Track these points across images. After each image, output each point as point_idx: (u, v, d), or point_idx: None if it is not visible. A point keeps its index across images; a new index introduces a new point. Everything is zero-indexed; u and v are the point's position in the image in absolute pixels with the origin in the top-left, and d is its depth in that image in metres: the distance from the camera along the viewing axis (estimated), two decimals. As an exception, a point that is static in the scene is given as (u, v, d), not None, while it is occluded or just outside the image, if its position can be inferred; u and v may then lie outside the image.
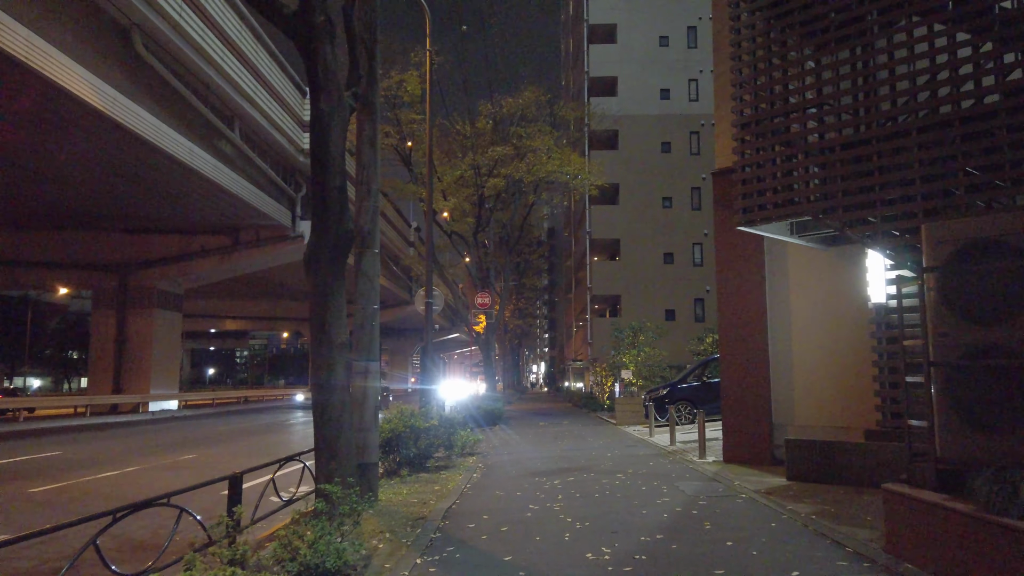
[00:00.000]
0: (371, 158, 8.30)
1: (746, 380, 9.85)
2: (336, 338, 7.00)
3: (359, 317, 8.06)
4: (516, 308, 51.77)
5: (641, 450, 12.21)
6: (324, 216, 6.98)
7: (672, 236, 33.74)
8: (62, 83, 14.70)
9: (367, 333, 8.06)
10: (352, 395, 8.14)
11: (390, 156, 25.27)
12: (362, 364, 8.02)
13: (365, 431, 7.95)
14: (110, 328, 28.32)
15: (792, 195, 7.58)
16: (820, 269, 9.30)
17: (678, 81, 34.67)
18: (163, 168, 21.25)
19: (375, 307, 8.14)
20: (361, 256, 8.15)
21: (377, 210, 8.31)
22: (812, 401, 9.26)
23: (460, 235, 27.28)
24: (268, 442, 16.57)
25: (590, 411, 26.93)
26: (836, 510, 6.22)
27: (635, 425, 18.46)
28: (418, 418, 10.66)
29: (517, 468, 10.28)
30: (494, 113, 23.45)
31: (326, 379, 6.93)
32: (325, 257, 6.98)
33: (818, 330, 9.28)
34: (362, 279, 8.12)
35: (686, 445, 12.48)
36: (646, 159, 34.20)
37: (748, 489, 7.49)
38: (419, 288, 13.64)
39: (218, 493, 6.67)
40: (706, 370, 17.64)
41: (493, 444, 14.24)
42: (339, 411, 6.95)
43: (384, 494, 8.27)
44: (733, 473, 8.80)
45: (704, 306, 33.51)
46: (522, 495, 7.80)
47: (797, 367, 9.46)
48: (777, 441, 9.56)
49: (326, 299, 7.00)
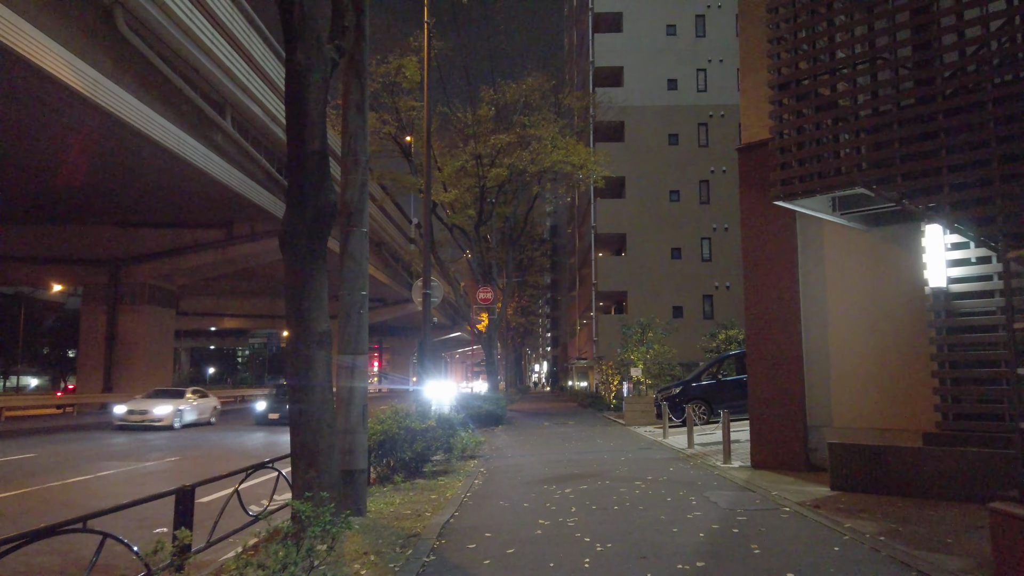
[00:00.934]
0: (358, 125, 7.35)
1: (777, 377, 8.88)
2: (315, 328, 6.06)
3: (345, 305, 7.11)
4: (519, 306, 50.81)
5: (657, 453, 11.24)
6: (301, 186, 6.04)
7: (680, 231, 32.75)
8: (37, 61, 13.76)
9: (354, 323, 7.11)
10: (337, 394, 7.22)
11: (390, 147, 24.32)
12: (348, 358, 7.08)
13: (351, 434, 7.01)
14: (100, 325, 27.43)
15: (839, 163, 6.62)
16: (862, 252, 8.33)
17: (686, 71, 33.69)
18: (151, 157, 20.35)
19: (363, 294, 7.19)
20: (348, 236, 7.21)
21: (366, 185, 7.36)
22: (853, 400, 8.29)
23: (461, 228, 26.32)
24: (262, 443, 15.65)
25: (596, 411, 25.97)
26: (906, 530, 5.25)
27: (646, 426, 17.50)
28: (414, 418, 9.73)
29: (523, 474, 9.32)
30: (496, 99, 22.47)
31: (304, 375, 6.00)
32: (303, 234, 6.04)
33: (859, 321, 8.31)
34: (348, 262, 7.17)
35: (705, 448, 11.52)
36: (653, 151, 33.22)
37: (790, 501, 6.52)
38: (418, 281, 12.68)
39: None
40: (721, 368, 16.68)
41: (496, 446, 13.30)
42: (319, 411, 6.01)
43: (374, 504, 7.33)
44: (766, 480, 7.84)
45: (713, 303, 32.52)
46: (530, 507, 6.84)
47: (835, 362, 8.50)
48: (812, 444, 8.59)
49: (304, 283, 6.06)
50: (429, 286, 11.92)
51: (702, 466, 9.35)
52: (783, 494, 6.92)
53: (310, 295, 6.04)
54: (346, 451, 6.95)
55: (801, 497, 6.74)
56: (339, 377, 7.11)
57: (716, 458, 10.07)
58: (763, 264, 9.13)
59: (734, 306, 31.78)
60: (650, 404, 18.24)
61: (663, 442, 12.96)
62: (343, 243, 7.20)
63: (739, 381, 16.20)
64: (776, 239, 9.03)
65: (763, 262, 9.12)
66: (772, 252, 9.05)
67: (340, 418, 7.07)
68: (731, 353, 17.27)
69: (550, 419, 21.98)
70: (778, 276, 8.99)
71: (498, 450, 12.58)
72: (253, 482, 8.03)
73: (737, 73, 33.52)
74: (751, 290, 9.27)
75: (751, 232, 9.30)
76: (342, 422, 7.05)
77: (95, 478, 10.12)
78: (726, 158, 33.05)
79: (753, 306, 9.21)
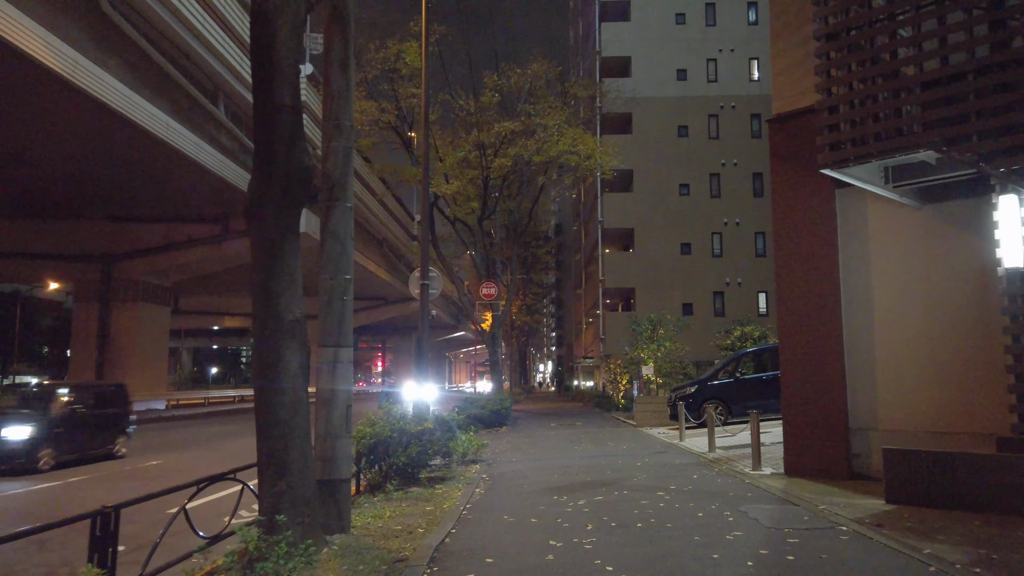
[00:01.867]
0: (342, 86, 6.41)
1: (813, 373, 7.92)
2: (286, 314, 5.14)
3: (326, 290, 6.19)
4: (523, 304, 49.85)
5: (676, 457, 10.29)
6: (270, 146, 5.12)
7: (690, 226, 31.73)
8: (10, 38, 12.89)
9: (336, 311, 6.19)
10: (317, 393, 6.31)
11: (390, 139, 23.37)
12: (329, 351, 6.16)
13: (333, 439, 6.09)
14: (92, 322, 26.59)
15: (899, 123, 5.66)
16: (913, 232, 7.37)
17: (696, 61, 32.67)
18: (140, 147, 19.47)
19: (347, 278, 6.26)
20: (329, 211, 6.29)
21: (350, 153, 6.43)
22: (903, 399, 7.33)
23: (464, 222, 25.38)
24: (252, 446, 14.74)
25: (604, 411, 25.03)
26: (1001, 558, 4.30)
27: (658, 427, 16.54)
28: (409, 420, 8.81)
29: (529, 481, 8.39)
30: (500, 85, 21.50)
31: (272, 370, 5.07)
32: (271, 202, 5.12)
33: (911, 309, 7.34)
34: (330, 241, 6.26)
35: (728, 451, 10.56)
36: (662, 144, 32.21)
37: (843, 517, 5.57)
38: (415, 272, 11.74)
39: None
40: (739, 366, 15.70)
41: (500, 449, 12.37)
42: (290, 413, 5.08)
43: (360, 517, 6.42)
44: (807, 491, 6.88)
45: (724, 300, 31.51)
46: (538, 522, 5.91)
47: (882, 357, 7.53)
48: (855, 449, 7.63)
49: (273, 260, 5.14)
50: (427, 276, 10.99)
51: (729, 473, 8.39)
52: (832, 508, 5.97)
53: (280, 275, 5.13)
54: (326, 459, 6.03)
55: (855, 512, 5.79)
56: (319, 374, 6.20)
57: (743, 463, 9.12)
58: (797, 247, 8.17)
59: (746, 303, 30.80)
60: (662, 404, 17.27)
61: (680, 445, 12.00)
62: (324, 219, 6.28)
63: (758, 380, 15.24)
64: (812, 219, 8.07)
65: (797, 245, 8.16)
66: (808, 233, 8.09)
67: (319, 421, 6.16)
68: (749, 350, 16.29)
69: (556, 420, 21.04)
70: (815, 260, 8.03)
71: (502, 454, 11.65)
72: (223, 494, 7.15)
73: (749, 62, 32.56)
74: (783, 277, 8.31)
75: (784, 212, 8.34)
76: (322, 426, 6.13)
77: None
78: (737, 151, 32.05)
79: (786, 294, 8.25)
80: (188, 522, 4.36)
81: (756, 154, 32.00)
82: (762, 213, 31.73)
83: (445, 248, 33.78)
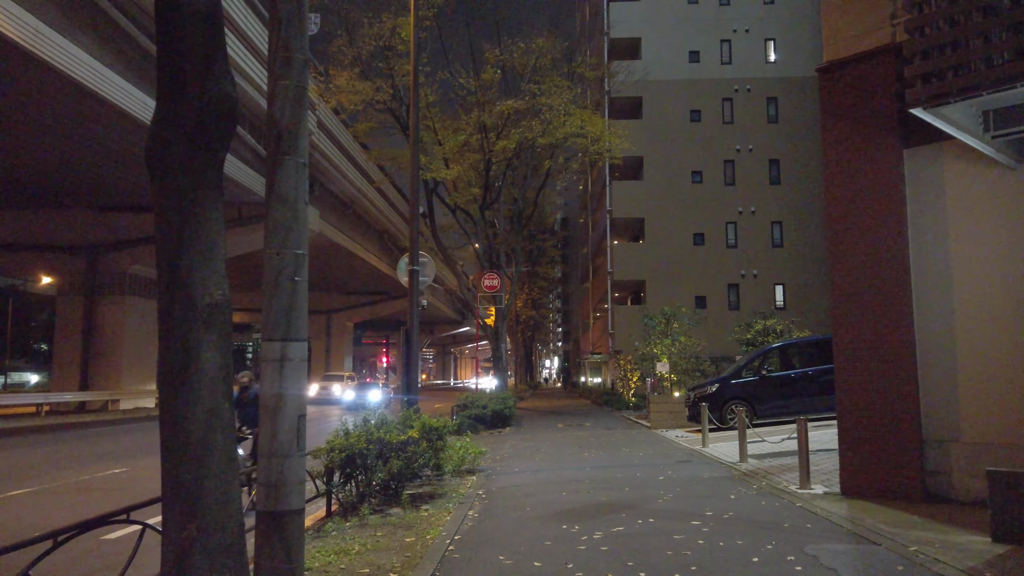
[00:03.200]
0: (294, 9, 5.06)
1: (877, 373, 6.53)
2: (200, 295, 3.78)
3: (272, 269, 4.84)
4: (528, 298, 48.48)
5: (703, 469, 8.92)
6: (176, 67, 3.76)
7: (703, 215, 30.25)
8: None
9: (284, 296, 4.85)
10: (261, 400, 4.97)
11: (387, 123, 22.01)
12: (275, 347, 4.83)
13: (279, 459, 4.75)
14: (77, 316, 25.40)
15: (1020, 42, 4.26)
16: (1008, 199, 5.96)
17: (709, 42, 31.12)
18: (118, 128, 18.20)
19: (299, 253, 4.92)
20: (276, 166, 4.94)
21: (304, 94, 5.06)
22: (994, 405, 5.94)
23: (466, 211, 24.02)
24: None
25: (614, 409, 23.67)
26: None
27: (675, 429, 15.18)
28: (391, 428, 7.48)
29: (533, 501, 7.04)
30: (502, 60, 20.07)
31: (182, 371, 3.73)
32: (180, 142, 3.77)
33: (1005, 296, 5.95)
34: (277, 205, 4.91)
35: (763, 461, 9.18)
36: (673, 129, 30.71)
37: (949, 567, 4.21)
38: (404, 257, 10.38)
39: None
40: (765, 362, 14.29)
41: (500, 455, 11.04)
42: (204, 429, 3.74)
43: (320, 555, 5.10)
44: (881, 520, 5.51)
45: (739, 292, 30.04)
46: (543, 567, 4.57)
47: (964, 353, 6.14)
48: (931, 465, 6.25)
49: (183, 222, 3.78)
50: (417, 261, 9.64)
51: (773, 492, 7.02)
52: (926, 550, 4.60)
53: (191, 243, 3.78)
54: (271, 484, 4.70)
55: (959, 557, 4.41)
56: (263, 375, 4.88)
57: (784, 477, 7.75)
58: (856, 221, 6.77)
59: (762, 296, 29.33)
60: (678, 404, 15.90)
61: (705, 452, 10.62)
62: (270, 176, 4.93)
63: (787, 378, 13.85)
64: (875, 187, 6.66)
65: (856, 219, 6.76)
66: (869, 205, 6.69)
67: (262, 436, 4.83)
68: (775, 345, 14.88)
69: (563, 419, 19.71)
70: (878, 237, 6.63)
71: (503, 461, 10.31)
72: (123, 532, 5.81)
73: (765, 43, 31.02)
74: (838, 258, 6.91)
75: (838, 180, 6.93)
76: (265, 442, 4.80)
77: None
78: (753, 136, 30.53)
79: (841, 278, 6.85)
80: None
81: (772, 139, 30.51)
82: (779, 201, 30.25)
83: (447, 239, 32.45)
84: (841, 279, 6.87)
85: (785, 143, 30.34)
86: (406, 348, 9.67)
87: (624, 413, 21.57)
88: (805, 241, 29.79)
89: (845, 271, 6.83)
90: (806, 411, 13.54)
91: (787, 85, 30.57)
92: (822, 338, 16.29)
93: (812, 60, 30.74)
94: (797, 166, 30.19)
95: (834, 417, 12.11)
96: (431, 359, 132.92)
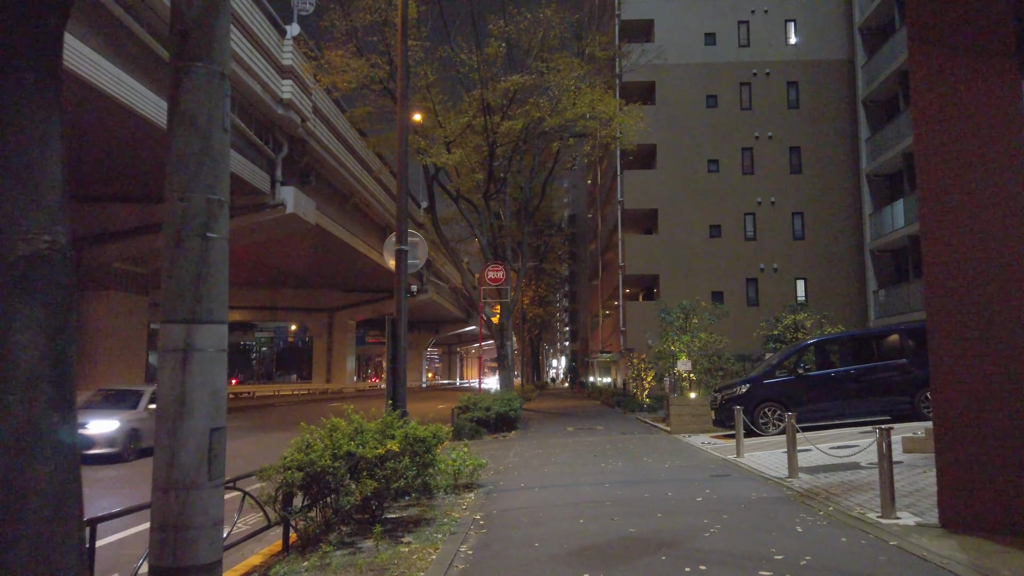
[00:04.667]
0: None
1: (990, 370, 5.04)
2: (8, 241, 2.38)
3: (175, 220, 3.38)
4: (535, 296, 47.01)
5: (747, 487, 7.41)
6: None
7: (719, 205, 28.68)
8: None
9: (192, 257, 3.40)
10: (159, 400, 3.51)
11: (385, 107, 20.58)
12: (177, 330, 3.37)
13: (182, 491, 3.29)
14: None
15: None
16: None
17: (726, 23, 29.54)
18: (93, 109, 16.86)
19: (215, 198, 3.49)
20: (181, 77, 3.48)
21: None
22: None
23: (469, 201, 22.59)
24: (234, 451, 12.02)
25: (626, 411, 22.18)
26: None
27: (699, 434, 13.69)
28: (368, 437, 6.01)
29: (543, 532, 5.58)
30: (507, 32, 18.61)
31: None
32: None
33: None
34: (182, 130, 3.46)
35: (816, 477, 7.67)
36: (688, 115, 29.16)
37: None
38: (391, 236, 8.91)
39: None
40: (800, 359, 12.78)
41: (504, 466, 9.58)
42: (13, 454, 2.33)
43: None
44: (1015, 569, 4.02)
45: (758, 287, 28.46)
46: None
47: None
48: (1067, 492, 4.74)
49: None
50: (405, 241, 8.20)
51: (846, 521, 5.52)
52: None
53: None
54: (169, 527, 3.26)
55: None
56: (159, 370, 3.46)
57: (854, 500, 6.25)
58: (958, 173, 5.27)
59: (783, 291, 27.76)
60: (702, 407, 14.39)
61: (741, 464, 9.13)
62: (172, 93, 3.52)
63: (826, 377, 12.33)
64: (985, 128, 5.17)
65: (960, 170, 5.26)
66: (978, 151, 5.19)
67: (157, 457, 3.39)
68: (812, 341, 13.33)
69: (573, 422, 18.25)
70: (990, 193, 5.14)
71: (507, 473, 8.86)
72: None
73: (785, 24, 29.45)
74: (933, 220, 5.41)
75: (934, 124, 5.44)
76: (161, 467, 3.37)
77: None
78: (772, 122, 28.94)
79: (938, 247, 5.36)
80: None
81: (793, 126, 28.92)
82: (801, 191, 28.67)
83: (450, 232, 30.97)
84: (939, 249, 5.36)
85: (807, 130, 28.75)
86: (392, 343, 8.21)
87: (638, 415, 20.09)
88: (828, 233, 28.19)
89: (945, 238, 5.32)
90: (848, 414, 12.03)
91: (809, 68, 28.96)
92: (864, 333, 14.78)
93: (835, 42, 29.14)
94: (820, 154, 28.59)
95: (879, 421, 10.52)
96: (437, 359, 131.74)
